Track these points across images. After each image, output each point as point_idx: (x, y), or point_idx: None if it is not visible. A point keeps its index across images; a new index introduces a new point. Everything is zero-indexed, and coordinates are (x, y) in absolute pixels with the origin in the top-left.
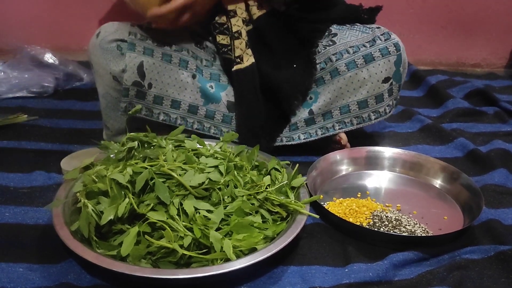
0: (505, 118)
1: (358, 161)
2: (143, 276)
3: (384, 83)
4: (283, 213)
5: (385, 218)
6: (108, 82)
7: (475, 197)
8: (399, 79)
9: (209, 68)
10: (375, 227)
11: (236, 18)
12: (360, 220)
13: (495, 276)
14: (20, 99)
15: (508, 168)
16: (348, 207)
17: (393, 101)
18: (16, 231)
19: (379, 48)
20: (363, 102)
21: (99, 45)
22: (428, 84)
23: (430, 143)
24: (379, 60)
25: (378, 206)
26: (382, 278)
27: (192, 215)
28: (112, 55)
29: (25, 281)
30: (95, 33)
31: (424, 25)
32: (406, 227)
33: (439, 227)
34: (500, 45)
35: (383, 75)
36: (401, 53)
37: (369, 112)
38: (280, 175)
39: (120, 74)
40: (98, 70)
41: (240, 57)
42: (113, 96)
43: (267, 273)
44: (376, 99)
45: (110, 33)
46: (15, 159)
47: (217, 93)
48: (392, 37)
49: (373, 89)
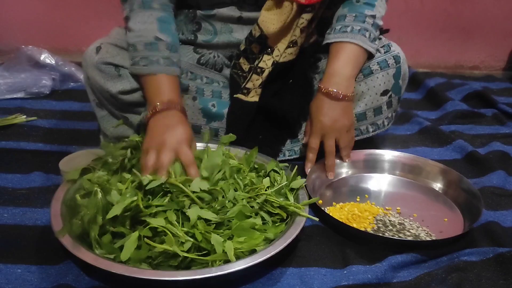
0: (503, 120)
1: (358, 164)
2: (142, 278)
3: (383, 96)
4: (283, 215)
5: (388, 222)
6: (106, 97)
7: (475, 200)
8: (398, 92)
9: (210, 85)
10: (380, 232)
11: (269, 56)
12: (364, 225)
13: (494, 278)
14: (18, 100)
15: (506, 170)
16: (350, 212)
17: (392, 113)
18: (14, 232)
19: (377, 61)
20: (361, 115)
21: (96, 65)
22: (427, 87)
23: (428, 145)
24: (378, 73)
25: (380, 210)
26: (381, 280)
27: (195, 221)
28: (109, 76)
29: (23, 283)
30: (95, 45)
31: (422, 28)
32: (410, 231)
33: (440, 230)
34: (498, 48)
35: (381, 88)
36: (400, 65)
37: (367, 125)
38: (279, 177)
39: (117, 95)
40: (95, 84)
41: (248, 90)
42: (111, 107)
43: (266, 274)
44: (374, 112)
45: (110, 56)
46: (14, 160)
47: (220, 111)
48: (392, 49)
49: (371, 102)
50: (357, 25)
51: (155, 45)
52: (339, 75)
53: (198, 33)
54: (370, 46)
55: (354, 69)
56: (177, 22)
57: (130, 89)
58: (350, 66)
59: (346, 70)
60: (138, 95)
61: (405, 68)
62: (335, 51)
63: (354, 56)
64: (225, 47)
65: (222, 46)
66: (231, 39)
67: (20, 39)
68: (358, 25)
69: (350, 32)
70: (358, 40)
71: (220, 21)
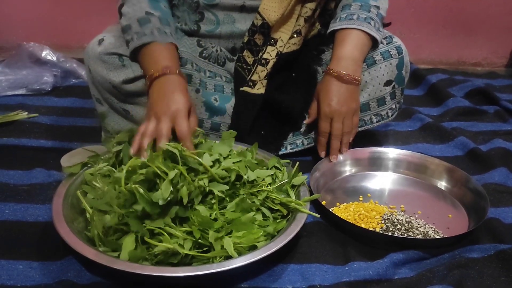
0: (505, 117)
1: (361, 162)
2: (144, 274)
3: (386, 86)
4: (284, 211)
5: (396, 221)
6: (108, 89)
7: (480, 199)
8: (402, 82)
9: (213, 79)
10: (389, 231)
11: (273, 47)
12: (372, 225)
13: (495, 275)
14: (19, 96)
15: (508, 167)
16: (356, 212)
17: (396, 104)
18: (16, 229)
19: (380, 52)
20: (364, 105)
21: (98, 56)
22: (429, 83)
23: (430, 141)
24: (381, 63)
25: (385, 209)
26: (382, 277)
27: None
28: (113, 66)
29: (25, 278)
30: (97, 38)
31: (424, 24)
32: (419, 229)
33: (447, 226)
34: (500, 44)
35: (384, 78)
36: (403, 56)
37: (371, 115)
38: (281, 173)
39: (120, 85)
40: (96, 77)
41: (254, 82)
42: (113, 100)
43: (267, 271)
44: (378, 102)
45: (113, 47)
46: (15, 157)
47: (222, 105)
48: (394, 40)
49: (374, 92)
50: (363, 14)
51: (147, 19)
52: (348, 58)
53: (201, 23)
54: (377, 34)
55: (362, 55)
56: (180, 12)
57: (134, 77)
58: (357, 51)
59: (355, 54)
60: (141, 84)
61: (407, 60)
62: (342, 37)
63: (361, 42)
64: (227, 37)
65: (225, 37)
66: (234, 30)
67: (22, 35)
68: (364, 13)
69: (357, 19)
70: (364, 27)
71: (222, 11)
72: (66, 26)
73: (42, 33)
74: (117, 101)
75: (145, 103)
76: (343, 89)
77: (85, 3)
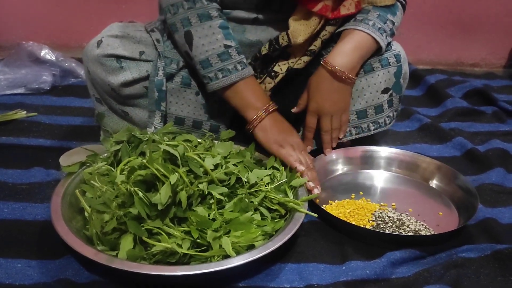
0: (503, 117)
1: (354, 161)
2: (142, 272)
3: (384, 94)
4: (282, 211)
5: (387, 218)
6: (107, 91)
7: (470, 197)
8: (399, 91)
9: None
10: (380, 228)
11: (285, 62)
12: (363, 222)
13: (492, 275)
14: (18, 95)
15: (505, 167)
16: (348, 209)
17: (393, 112)
18: (14, 227)
19: (378, 59)
20: (362, 112)
21: (97, 59)
22: (427, 84)
23: (428, 142)
24: (378, 70)
25: (377, 206)
26: (379, 276)
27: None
28: (111, 68)
29: (23, 277)
30: (95, 39)
31: (423, 24)
32: (410, 226)
33: (436, 223)
34: (499, 45)
35: (382, 85)
36: (401, 64)
37: (368, 123)
38: (279, 173)
39: (119, 87)
40: (95, 78)
41: None
42: (112, 102)
43: (265, 270)
44: (375, 110)
45: (111, 48)
46: (14, 155)
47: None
48: (393, 48)
49: (371, 99)
50: (378, 23)
51: (227, 54)
52: (347, 56)
53: None
54: (384, 46)
55: (362, 58)
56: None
57: (132, 80)
58: (360, 51)
59: (355, 54)
60: (140, 87)
61: (406, 67)
62: (350, 35)
63: (366, 45)
64: None
65: None
66: (242, 39)
67: (21, 34)
68: (380, 24)
69: (372, 26)
70: (377, 36)
71: (234, 21)
72: (65, 26)
73: (41, 32)
74: (116, 103)
75: (143, 105)
76: (335, 87)
77: (85, 2)
